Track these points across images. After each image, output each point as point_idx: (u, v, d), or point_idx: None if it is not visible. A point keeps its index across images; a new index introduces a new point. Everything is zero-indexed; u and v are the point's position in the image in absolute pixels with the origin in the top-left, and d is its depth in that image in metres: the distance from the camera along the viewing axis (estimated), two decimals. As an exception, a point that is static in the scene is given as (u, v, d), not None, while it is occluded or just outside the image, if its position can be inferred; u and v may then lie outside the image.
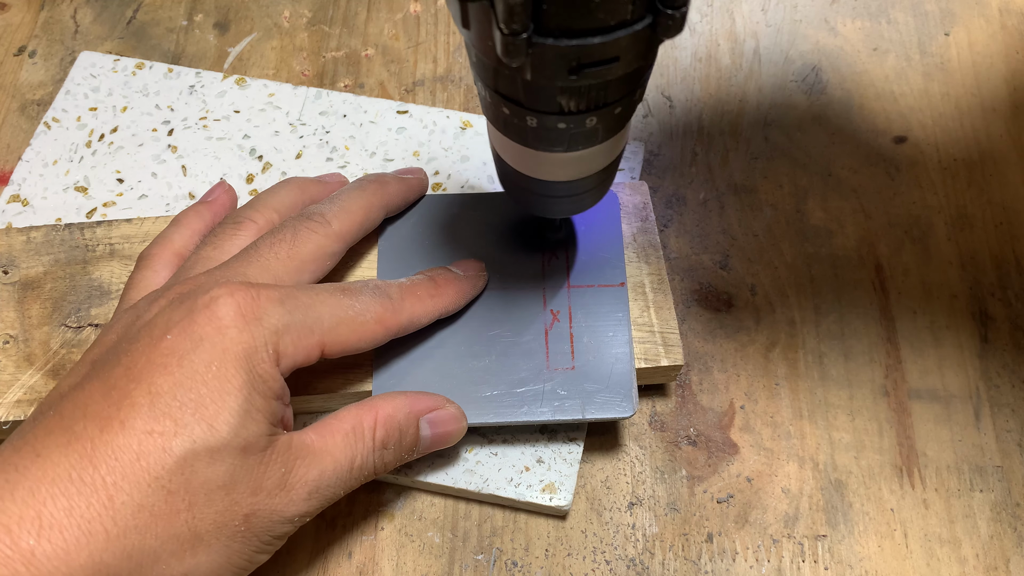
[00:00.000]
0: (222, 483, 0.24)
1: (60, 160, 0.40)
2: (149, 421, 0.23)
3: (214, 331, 0.25)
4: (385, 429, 0.28)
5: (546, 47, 0.20)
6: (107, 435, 0.23)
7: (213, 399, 0.24)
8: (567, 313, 0.33)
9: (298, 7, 0.46)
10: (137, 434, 0.23)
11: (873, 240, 0.40)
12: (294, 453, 0.26)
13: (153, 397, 0.24)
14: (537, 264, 0.34)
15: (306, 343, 0.27)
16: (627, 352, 0.32)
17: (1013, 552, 0.33)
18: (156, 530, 0.23)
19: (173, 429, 0.23)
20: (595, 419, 0.31)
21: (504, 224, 0.35)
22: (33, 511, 0.22)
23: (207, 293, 0.26)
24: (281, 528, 0.26)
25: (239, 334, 0.25)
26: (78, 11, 0.46)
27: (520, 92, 0.23)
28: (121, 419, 0.23)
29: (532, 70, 0.21)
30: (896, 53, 0.45)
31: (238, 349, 0.25)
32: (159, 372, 0.24)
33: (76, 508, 0.22)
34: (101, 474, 0.22)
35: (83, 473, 0.22)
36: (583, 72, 0.21)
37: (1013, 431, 0.36)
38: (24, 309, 0.34)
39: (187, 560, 0.24)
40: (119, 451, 0.23)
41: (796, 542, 0.33)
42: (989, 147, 0.42)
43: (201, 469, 0.24)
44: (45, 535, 0.22)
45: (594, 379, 0.32)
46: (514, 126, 0.25)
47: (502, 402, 0.31)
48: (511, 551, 0.33)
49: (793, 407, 0.36)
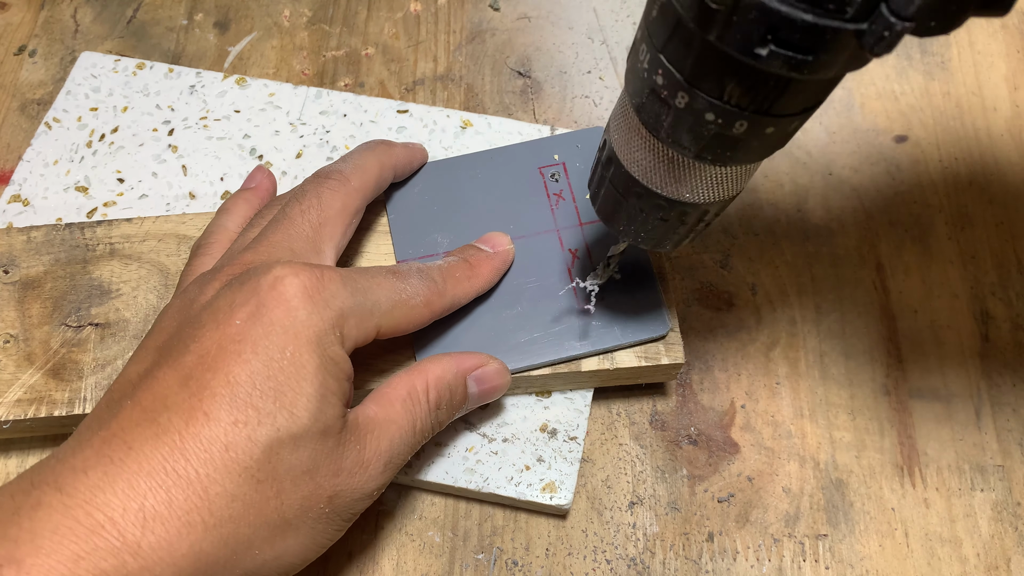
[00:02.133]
0: (306, 468, 0.24)
1: (61, 160, 0.40)
2: (232, 411, 0.24)
3: (284, 314, 0.25)
4: (437, 391, 0.29)
5: (752, 3, 0.18)
6: (193, 427, 0.23)
7: (291, 386, 0.24)
8: (584, 250, 0.34)
9: (298, 6, 0.46)
10: (223, 425, 0.23)
11: (874, 239, 0.40)
12: (363, 429, 0.26)
13: (232, 387, 0.24)
14: (546, 210, 0.35)
15: (366, 325, 0.27)
16: (650, 274, 0.33)
17: (1014, 551, 0.33)
18: (249, 518, 0.24)
19: (257, 418, 0.24)
20: (633, 341, 0.32)
21: (507, 178, 0.36)
22: (136, 504, 0.22)
23: (269, 273, 0.26)
24: (361, 504, 0.27)
25: (308, 317, 0.25)
26: (78, 10, 0.46)
27: (690, 60, 0.21)
28: (204, 410, 0.23)
29: (724, 26, 0.19)
30: (897, 52, 0.45)
31: (309, 333, 0.25)
32: (234, 360, 0.24)
33: (175, 501, 0.22)
34: (194, 466, 0.23)
35: (176, 465, 0.23)
36: (773, 47, 0.19)
37: (1014, 430, 0.36)
38: (24, 308, 0.34)
39: (278, 545, 0.24)
40: (208, 443, 0.23)
41: (797, 541, 0.33)
42: (990, 146, 0.42)
43: (286, 456, 0.24)
44: (149, 527, 0.22)
45: (624, 305, 0.33)
46: (680, 128, 0.23)
47: (541, 343, 0.32)
48: (511, 550, 0.33)
49: (794, 406, 0.36)
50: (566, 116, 0.43)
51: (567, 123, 0.43)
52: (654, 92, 0.23)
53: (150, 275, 0.34)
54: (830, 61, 0.19)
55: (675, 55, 0.21)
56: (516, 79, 0.44)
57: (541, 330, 0.33)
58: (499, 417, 0.34)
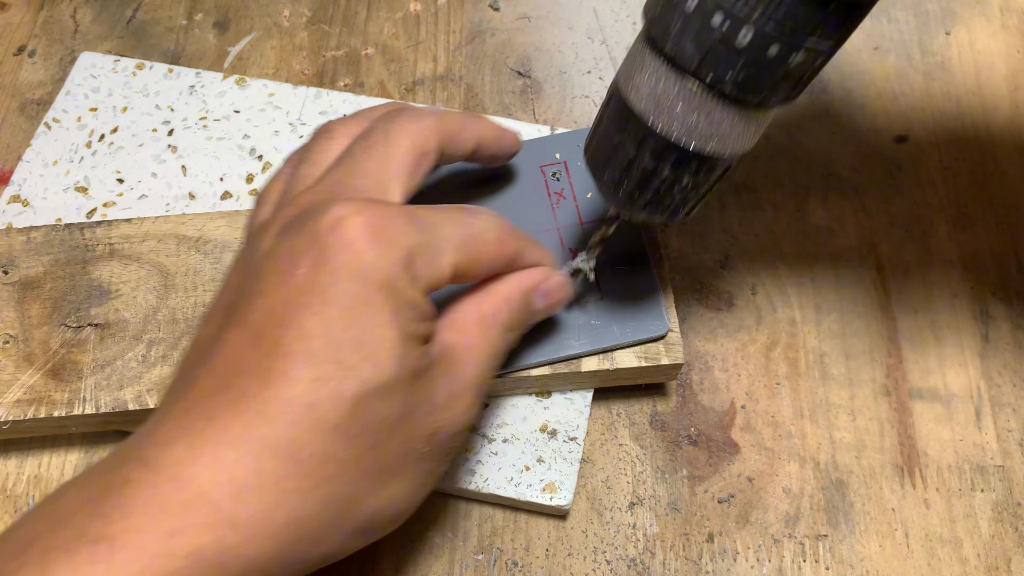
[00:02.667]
0: (400, 415, 0.23)
1: (60, 160, 0.40)
2: (311, 368, 0.22)
3: (349, 258, 0.23)
4: (508, 312, 0.27)
5: None
6: (272, 389, 0.22)
7: (370, 335, 0.23)
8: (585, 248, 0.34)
9: (298, 6, 0.46)
10: (303, 384, 0.22)
11: (874, 239, 0.40)
12: (448, 360, 0.25)
13: (308, 342, 0.22)
14: (547, 208, 0.35)
15: (439, 264, 0.25)
16: (650, 273, 0.33)
17: (1014, 552, 0.33)
18: (347, 476, 0.22)
19: (340, 373, 0.22)
20: (632, 342, 0.32)
21: (508, 178, 0.36)
22: (225, 476, 0.21)
23: (327, 213, 0.24)
24: (460, 438, 0.26)
25: (376, 259, 0.23)
26: (78, 11, 0.46)
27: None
28: (282, 370, 0.22)
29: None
30: (897, 52, 0.45)
31: (379, 276, 0.23)
32: (304, 313, 0.22)
33: (265, 469, 0.21)
34: (279, 431, 0.22)
35: (260, 432, 0.21)
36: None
37: (1014, 430, 0.36)
38: (24, 309, 0.34)
39: (382, 495, 0.24)
40: (290, 404, 0.22)
41: (797, 542, 0.33)
42: (990, 146, 0.42)
43: (377, 407, 0.23)
44: (243, 498, 0.21)
45: (624, 305, 0.33)
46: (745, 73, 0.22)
47: (540, 342, 0.32)
48: (511, 551, 0.33)
49: (794, 406, 0.36)
50: (566, 116, 0.43)
51: (567, 123, 0.43)
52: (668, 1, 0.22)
53: (150, 275, 0.34)
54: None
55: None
56: (516, 79, 0.44)
57: (539, 328, 0.33)
58: (499, 417, 0.34)
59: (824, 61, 0.22)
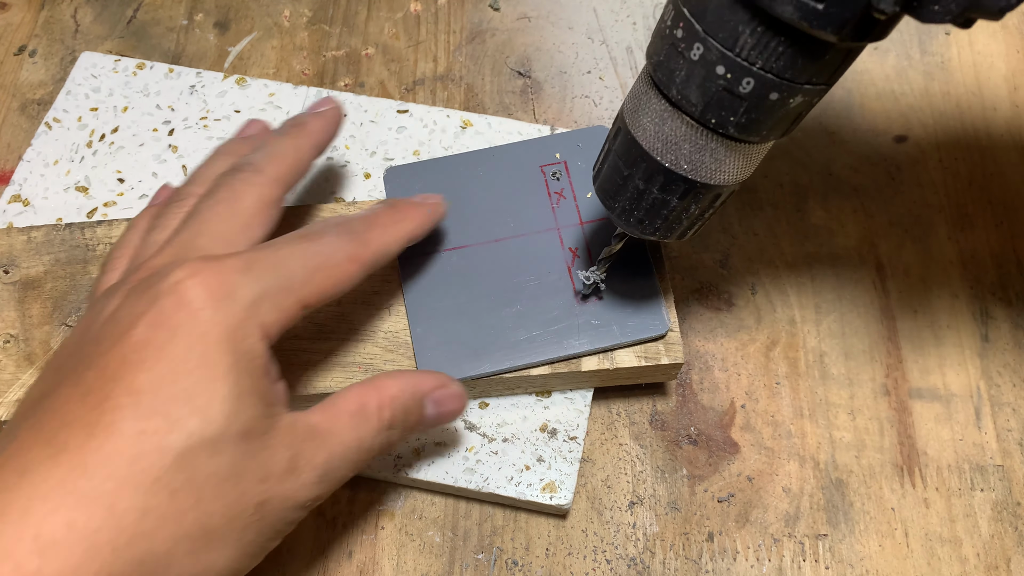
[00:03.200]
0: (228, 474, 0.23)
1: (61, 160, 0.40)
2: (138, 421, 0.22)
3: (187, 317, 0.23)
4: (392, 409, 0.27)
5: None
6: (95, 441, 0.21)
7: (201, 388, 0.23)
8: (585, 248, 0.34)
9: (298, 6, 0.46)
10: (127, 436, 0.22)
11: (874, 239, 0.40)
12: (300, 435, 0.25)
13: (136, 396, 0.22)
14: (547, 208, 0.35)
15: (286, 305, 0.25)
16: (650, 274, 0.33)
17: (1014, 551, 0.33)
18: (164, 533, 0.22)
19: (166, 426, 0.22)
20: (631, 342, 0.32)
21: (508, 176, 0.36)
22: (32, 531, 0.20)
23: (167, 278, 0.24)
24: (294, 514, 0.25)
25: (214, 315, 0.23)
26: (78, 10, 0.46)
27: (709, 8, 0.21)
28: (106, 423, 0.22)
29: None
30: (897, 52, 0.45)
31: (218, 331, 0.23)
32: (135, 368, 0.22)
33: (76, 522, 0.21)
34: (96, 483, 0.21)
35: (77, 484, 0.21)
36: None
37: (1014, 430, 0.36)
38: (24, 308, 0.34)
39: (202, 558, 0.23)
40: (112, 456, 0.21)
41: (797, 541, 0.33)
42: (990, 146, 0.42)
43: (203, 462, 0.22)
44: (48, 555, 0.20)
45: (624, 305, 0.33)
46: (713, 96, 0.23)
47: (540, 342, 0.32)
48: (511, 550, 0.33)
49: (794, 406, 0.36)
50: (566, 116, 0.43)
51: (567, 123, 0.43)
52: (672, 46, 0.23)
53: (150, 275, 0.34)
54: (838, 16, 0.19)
55: (696, 6, 0.22)
56: (516, 79, 0.44)
57: (540, 328, 0.33)
58: (499, 417, 0.34)
59: (821, 96, 0.23)
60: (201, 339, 0.23)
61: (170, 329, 0.23)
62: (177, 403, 0.22)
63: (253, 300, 0.24)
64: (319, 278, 0.26)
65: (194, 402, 0.22)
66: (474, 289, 0.33)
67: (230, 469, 0.23)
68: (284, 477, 0.24)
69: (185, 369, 0.23)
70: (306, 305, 0.26)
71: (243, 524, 0.23)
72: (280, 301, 0.25)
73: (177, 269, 0.24)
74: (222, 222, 0.27)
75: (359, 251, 0.27)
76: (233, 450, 0.23)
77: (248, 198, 0.28)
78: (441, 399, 0.29)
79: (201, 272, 0.24)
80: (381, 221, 0.29)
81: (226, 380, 0.23)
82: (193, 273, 0.24)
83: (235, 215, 0.27)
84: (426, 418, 0.29)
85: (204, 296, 0.23)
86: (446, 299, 0.33)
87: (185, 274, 0.24)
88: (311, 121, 0.32)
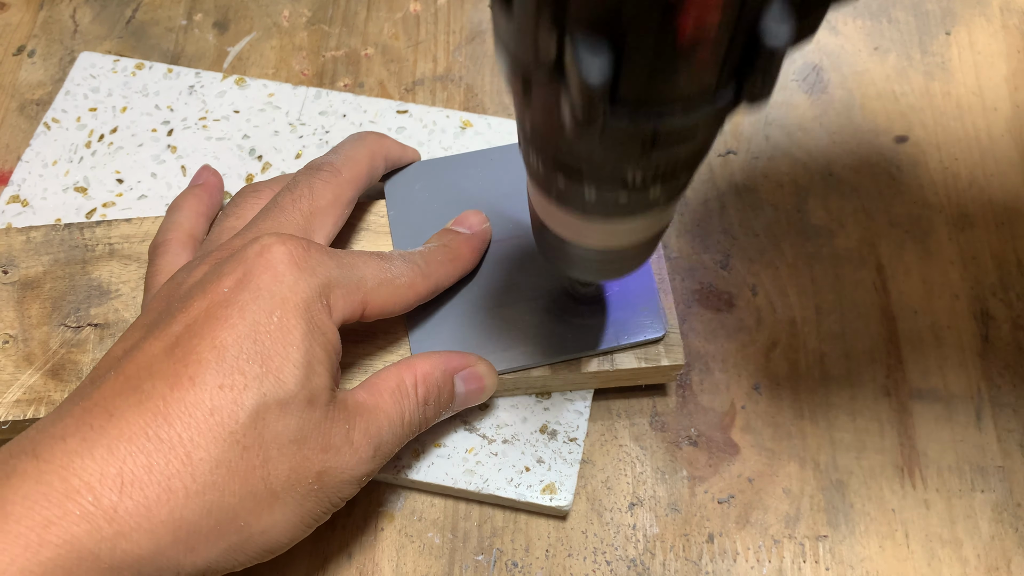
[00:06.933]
0: (293, 437, 0.24)
1: (60, 160, 0.40)
2: (218, 376, 0.23)
3: (272, 279, 0.25)
4: (425, 386, 0.29)
5: (621, 128, 0.18)
6: (178, 392, 0.23)
7: (278, 351, 0.24)
8: None
9: (297, 6, 0.46)
10: (208, 389, 0.23)
11: (874, 240, 0.40)
12: (352, 410, 0.26)
13: (219, 351, 0.23)
14: None
15: (353, 299, 0.27)
16: (649, 277, 0.33)
17: (1015, 552, 0.33)
18: (234, 487, 0.23)
19: (243, 383, 0.23)
20: (629, 344, 0.32)
21: (508, 177, 0.36)
22: (114, 468, 0.22)
23: (256, 242, 0.26)
24: (349, 488, 0.26)
25: (296, 283, 0.25)
26: (77, 11, 0.46)
27: (582, 166, 0.21)
28: (190, 375, 0.23)
29: (602, 148, 0.19)
30: (897, 52, 0.45)
31: (297, 299, 0.25)
32: (221, 325, 0.24)
33: (155, 465, 0.22)
34: (177, 431, 0.22)
35: (159, 430, 0.22)
36: (657, 150, 0.19)
37: (1015, 431, 0.36)
38: (23, 309, 0.33)
39: (264, 518, 0.24)
40: (192, 407, 0.23)
41: (797, 542, 0.33)
42: (990, 147, 0.42)
43: (272, 422, 0.24)
44: (127, 492, 0.22)
45: (622, 308, 0.33)
46: (567, 197, 0.23)
47: (537, 344, 0.32)
48: (511, 552, 0.33)
49: (794, 407, 0.36)
50: (566, 116, 0.43)
51: (567, 123, 0.43)
52: (561, 191, 0.23)
53: (149, 276, 0.34)
54: (717, 123, 0.20)
55: (568, 163, 0.22)
56: (516, 79, 0.44)
57: (537, 330, 0.33)
58: (499, 418, 0.34)
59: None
60: (282, 303, 0.25)
61: (254, 290, 0.25)
62: (255, 362, 0.24)
63: (329, 282, 0.26)
64: (383, 291, 0.28)
65: (270, 363, 0.24)
66: (472, 289, 0.33)
67: (296, 433, 0.24)
68: (343, 449, 0.25)
69: (265, 330, 0.24)
70: (367, 309, 0.28)
71: (304, 491, 0.25)
72: (350, 293, 0.27)
73: (267, 236, 0.26)
74: (302, 216, 0.29)
75: (419, 282, 0.30)
76: (300, 415, 0.24)
77: (327, 196, 0.30)
78: (470, 375, 0.30)
79: (288, 242, 0.26)
80: (438, 259, 0.31)
81: (300, 347, 0.24)
82: (282, 241, 0.26)
83: (314, 211, 0.30)
84: (457, 395, 0.30)
85: (289, 263, 0.25)
86: (444, 299, 0.33)
87: (274, 240, 0.26)
88: (389, 138, 0.35)
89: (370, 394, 0.27)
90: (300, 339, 0.24)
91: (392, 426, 0.27)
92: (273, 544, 0.25)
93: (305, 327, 0.25)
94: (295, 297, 0.25)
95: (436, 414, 0.30)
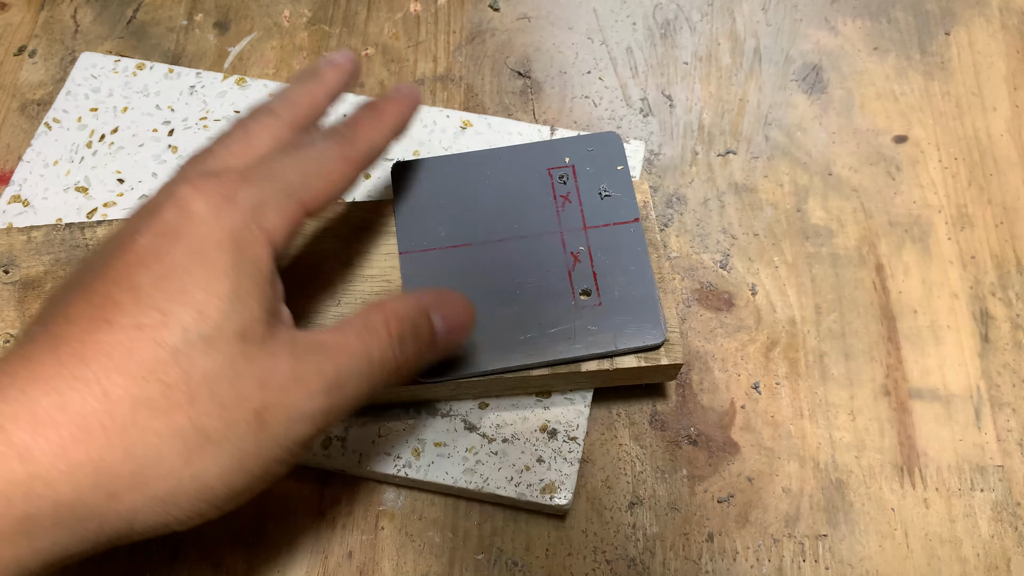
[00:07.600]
0: (224, 375, 0.23)
1: (61, 160, 0.40)
2: (135, 316, 0.22)
3: (189, 225, 0.24)
4: (399, 322, 0.27)
5: None
6: (94, 335, 0.22)
7: (199, 285, 0.23)
8: (587, 253, 0.34)
9: (298, 6, 0.46)
10: (125, 329, 0.22)
11: (874, 239, 0.40)
12: (302, 347, 0.25)
13: (135, 293, 0.23)
14: (551, 211, 0.35)
15: (288, 209, 0.26)
16: (650, 283, 0.33)
17: (1014, 552, 0.33)
18: (156, 426, 0.22)
19: (161, 320, 0.22)
20: (627, 349, 0.32)
21: (515, 177, 0.36)
22: (26, 409, 0.21)
23: (170, 195, 0.25)
24: (300, 427, 0.24)
25: (216, 221, 0.24)
26: (78, 11, 0.46)
27: None
28: (106, 318, 0.22)
29: None
30: (897, 52, 0.45)
31: (219, 235, 0.24)
32: (137, 270, 0.23)
33: (70, 404, 0.21)
34: (93, 370, 0.22)
35: (75, 370, 0.21)
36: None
37: (1014, 430, 0.36)
38: (25, 308, 0.34)
39: (194, 462, 0.22)
40: (110, 347, 0.22)
41: (797, 542, 0.33)
42: (989, 146, 0.42)
43: (198, 359, 0.22)
44: (40, 432, 0.21)
45: (622, 312, 0.33)
46: None
47: (536, 344, 0.32)
48: (511, 551, 0.33)
49: (794, 407, 0.36)
50: (566, 116, 0.43)
51: (567, 123, 0.43)
52: None
53: (150, 275, 0.34)
54: None
55: None
56: (516, 79, 0.44)
57: (538, 331, 0.33)
58: (499, 417, 0.34)
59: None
60: (202, 243, 0.24)
61: (172, 237, 0.24)
62: (174, 300, 0.23)
63: (254, 205, 0.25)
64: (315, 181, 0.27)
65: (191, 299, 0.23)
66: (474, 288, 0.33)
67: (226, 370, 0.23)
68: (287, 385, 0.24)
69: (185, 268, 0.23)
70: (307, 208, 0.26)
71: (241, 431, 0.23)
72: (280, 205, 0.26)
73: (178, 186, 0.25)
74: (237, 160, 0.28)
75: (348, 151, 0.28)
76: (229, 350, 0.23)
77: (264, 138, 0.28)
78: (448, 313, 0.29)
79: (198, 184, 0.25)
80: (364, 121, 0.30)
81: (225, 279, 0.23)
82: (193, 186, 0.25)
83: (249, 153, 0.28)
84: (437, 331, 0.28)
85: (206, 206, 0.24)
86: None
87: (185, 188, 0.25)
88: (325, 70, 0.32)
89: (332, 334, 0.26)
90: (224, 272, 0.23)
91: (355, 362, 0.26)
92: (208, 493, 0.23)
93: (230, 259, 0.24)
94: (216, 234, 0.24)
95: (418, 352, 0.28)
